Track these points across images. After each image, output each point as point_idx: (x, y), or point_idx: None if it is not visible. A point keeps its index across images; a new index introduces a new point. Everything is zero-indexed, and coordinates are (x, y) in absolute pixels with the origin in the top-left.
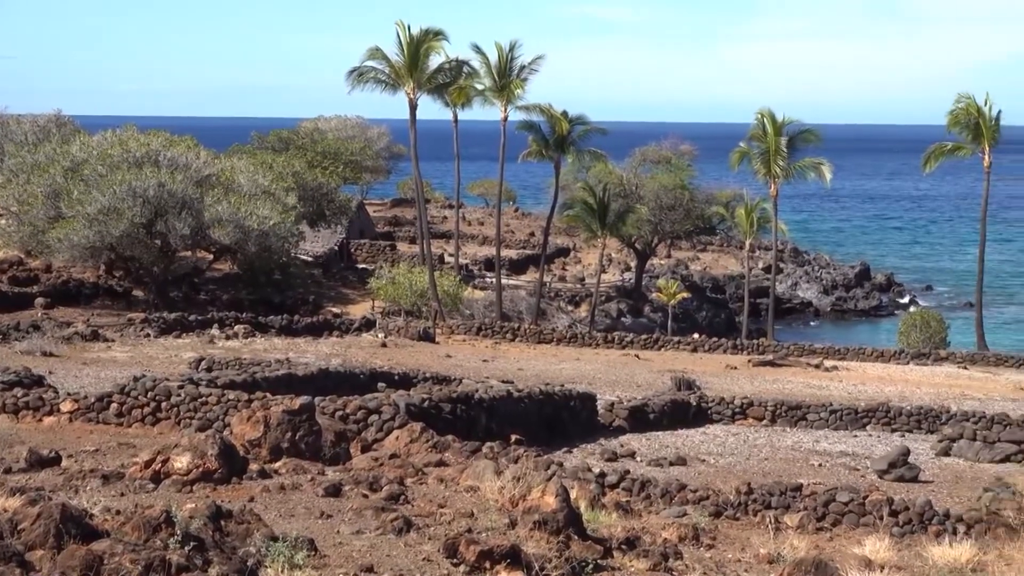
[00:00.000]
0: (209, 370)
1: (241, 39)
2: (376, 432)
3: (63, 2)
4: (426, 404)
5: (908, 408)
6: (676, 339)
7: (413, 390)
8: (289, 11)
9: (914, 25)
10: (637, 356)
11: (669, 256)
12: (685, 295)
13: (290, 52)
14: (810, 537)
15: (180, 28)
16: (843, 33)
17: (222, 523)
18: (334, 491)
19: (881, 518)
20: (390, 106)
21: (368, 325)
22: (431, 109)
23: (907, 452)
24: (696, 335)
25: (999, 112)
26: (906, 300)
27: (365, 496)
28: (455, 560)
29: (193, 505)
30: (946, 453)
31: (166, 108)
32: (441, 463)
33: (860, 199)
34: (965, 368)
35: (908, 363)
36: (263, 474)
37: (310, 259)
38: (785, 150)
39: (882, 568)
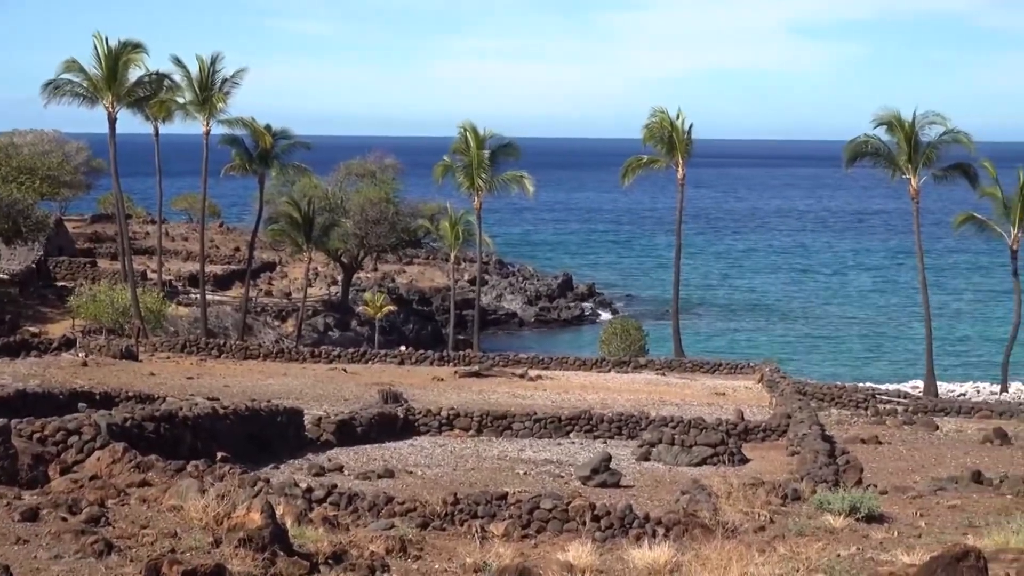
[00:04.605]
0: None
1: None
2: (76, 454)
3: None
4: (129, 424)
5: (609, 415)
6: (383, 352)
7: (115, 410)
8: None
9: (610, 43)
10: (344, 370)
11: (375, 270)
12: (392, 308)
13: None
14: (515, 545)
15: None
16: (545, 50)
17: None
18: (31, 515)
19: (584, 523)
20: (89, 120)
21: (68, 344)
22: (132, 123)
23: (609, 458)
24: (403, 348)
25: (691, 125)
26: (607, 309)
27: (64, 519)
28: None
29: None
30: (646, 458)
31: None
32: (145, 483)
33: (572, 211)
34: (663, 375)
35: (609, 371)
36: None
37: (6, 277)
38: (488, 163)
39: (584, 573)
